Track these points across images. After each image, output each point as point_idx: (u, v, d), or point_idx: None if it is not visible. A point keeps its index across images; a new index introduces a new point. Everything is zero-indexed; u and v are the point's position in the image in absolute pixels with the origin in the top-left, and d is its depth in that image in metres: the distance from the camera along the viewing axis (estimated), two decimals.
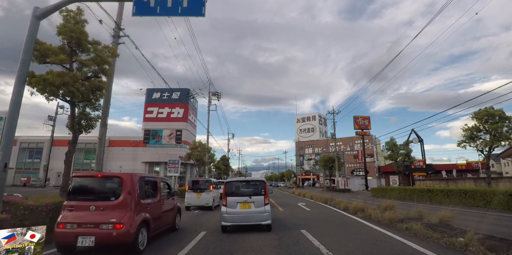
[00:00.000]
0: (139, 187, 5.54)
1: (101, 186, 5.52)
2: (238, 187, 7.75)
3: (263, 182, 7.78)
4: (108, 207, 5.06)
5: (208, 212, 12.64)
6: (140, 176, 5.83)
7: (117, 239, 4.77)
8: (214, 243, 6.11)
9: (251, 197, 7.33)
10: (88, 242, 4.72)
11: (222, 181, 24.85)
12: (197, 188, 13.63)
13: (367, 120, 45.77)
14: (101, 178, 5.61)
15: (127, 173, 5.65)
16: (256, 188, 7.62)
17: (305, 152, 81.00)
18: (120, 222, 4.86)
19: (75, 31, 7.73)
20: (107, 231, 4.79)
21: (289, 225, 8.41)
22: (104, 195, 5.34)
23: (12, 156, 31.56)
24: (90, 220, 4.86)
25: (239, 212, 7.21)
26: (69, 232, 4.80)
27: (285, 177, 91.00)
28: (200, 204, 13.35)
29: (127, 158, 44.86)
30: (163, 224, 6.66)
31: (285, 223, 8.84)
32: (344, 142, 69.09)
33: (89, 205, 5.06)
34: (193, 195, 13.41)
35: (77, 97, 7.49)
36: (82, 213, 5.00)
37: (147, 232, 5.49)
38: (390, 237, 6.54)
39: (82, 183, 5.57)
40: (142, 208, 5.49)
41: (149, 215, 5.64)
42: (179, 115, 46.46)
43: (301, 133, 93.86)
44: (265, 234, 6.88)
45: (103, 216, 4.91)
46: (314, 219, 9.83)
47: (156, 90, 45.81)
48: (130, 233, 4.87)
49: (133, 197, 5.24)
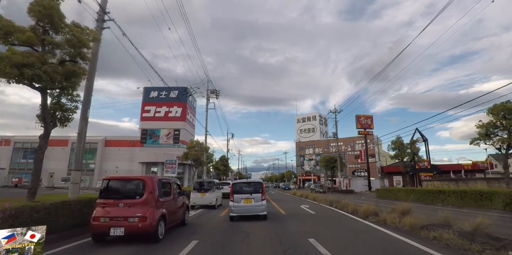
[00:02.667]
0: (158, 188, 6.51)
1: (127, 187, 6.59)
2: (242, 187, 10.01)
3: (260, 183, 10.16)
4: (134, 204, 6.06)
5: (212, 210, 13.53)
6: (158, 179, 6.84)
7: (142, 230, 5.80)
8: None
9: (252, 194, 9.59)
10: (119, 232, 5.76)
11: (224, 182, 26.19)
12: (201, 188, 14.81)
13: (369, 119, 44.70)
14: (128, 180, 6.82)
15: (149, 176, 6.98)
16: (255, 187, 9.87)
17: (305, 153, 79.81)
18: (144, 216, 5.87)
19: (44, 6, 6.55)
20: (134, 223, 5.82)
21: (294, 232, 7.27)
22: (130, 194, 6.32)
23: (6, 156, 30.43)
24: (120, 215, 5.89)
25: (243, 205, 9.47)
26: (103, 225, 5.82)
27: (285, 177, 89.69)
28: (204, 203, 14.42)
29: (124, 158, 43.70)
30: (176, 219, 7.69)
31: (289, 229, 7.71)
32: (345, 142, 67.94)
33: (118, 203, 6.08)
34: (197, 195, 14.53)
35: (45, 82, 6.34)
36: (113, 208, 6.01)
37: (164, 225, 6.49)
38: (418, 248, 5.40)
39: (112, 184, 6.63)
40: (160, 205, 6.48)
41: (165, 211, 6.62)
42: (177, 114, 45.27)
43: (301, 133, 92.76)
44: (267, 246, 5.75)
45: (130, 211, 5.92)
46: (321, 224, 8.67)
47: (154, 88, 44.65)
48: (152, 225, 5.91)
49: (153, 196, 6.25)
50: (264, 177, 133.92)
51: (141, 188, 6.33)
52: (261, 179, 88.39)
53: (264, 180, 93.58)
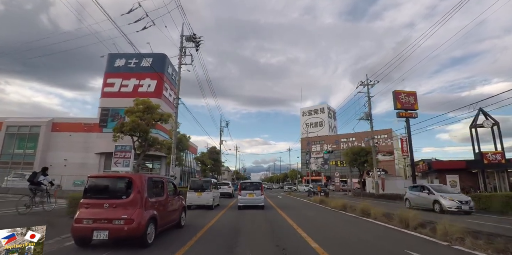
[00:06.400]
0: (147, 187, 6.18)
1: (113, 186, 6.21)
2: (247, 185, 14.95)
3: (260, 183, 15.32)
4: (120, 205, 5.70)
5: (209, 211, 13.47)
6: (148, 177, 6.50)
7: (128, 233, 5.40)
8: None
9: (254, 191, 14.33)
10: (103, 236, 5.36)
11: (223, 182, 28.17)
12: (197, 187, 14.75)
13: (412, 97, 32.92)
14: (114, 178, 6.61)
15: (138, 173, 7.33)
16: (256, 186, 14.75)
17: (312, 149, 67.99)
18: (131, 218, 5.48)
19: None
20: (119, 226, 5.42)
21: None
22: (116, 194, 5.95)
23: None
24: (104, 216, 5.50)
25: (247, 198, 14.13)
26: (86, 227, 5.43)
27: (288, 178, 77.83)
28: (201, 203, 14.41)
29: (76, 147, 32.81)
30: (170, 221, 7.38)
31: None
32: (358, 138, 56.90)
33: (103, 203, 5.71)
34: (194, 195, 14.47)
35: None
36: (97, 210, 5.65)
37: (154, 228, 6.14)
38: None
39: (96, 183, 6.26)
40: (150, 206, 6.14)
41: (156, 212, 6.26)
42: (150, 88, 34.09)
43: (307, 127, 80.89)
44: None
45: (116, 212, 5.56)
46: None
47: (121, 55, 33.33)
48: (140, 228, 5.50)
49: (142, 196, 5.89)
50: (264, 177, 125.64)
51: (128, 187, 5.96)
52: (261, 180, 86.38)
53: (264, 181, 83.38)
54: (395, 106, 32.18)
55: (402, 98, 32.43)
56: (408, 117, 31.95)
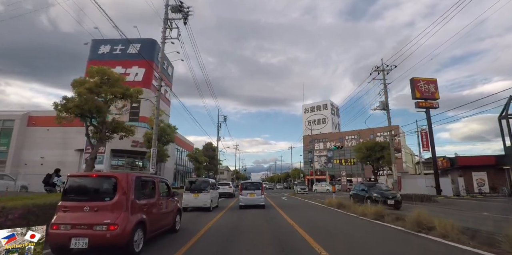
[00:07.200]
0: (135, 187, 5.52)
1: (95, 186, 5.57)
2: (248, 185, 15.09)
3: (260, 183, 15.47)
4: (102, 208, 5.05)
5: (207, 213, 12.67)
6: (136, 176, 5.83)
7: (110, 240, 4.74)
8: None
9: (254, 191, 14.48)
10: (82, 244, 4.68)
11: (224, 182, 28.15)
12: (194, 188, 13.89)
13: (433, 85, 29.64)
14: (96, 178, 5.80)
15: (123, 172, 5.98)
16: (257, 186, 14.92)
17: (315, 148, 64.61)
18: (114, 223, 4.81)
19: None
20: (101, 232, 4.74)
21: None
22: (99, 196, 5.35)
23: None
24: (84, 221, 4.85)
25: (248, 198, 14.25)
26: (63, 233, 4.77)
27: (290, 178, 74.20)
28: (198, 205, 13.52)
29: (54, 143, 29.41)
30: (162, 226, 6.75)
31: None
32: (363, 136, 53.86)
33: (83, 206, 5.06)
34: (190, 196, 13.62)
35: None
36: (76, 214, 5.02)
37: (143, 234, 5.50)
38: None
39: (77, 183, 5.58)
40: (138, 209, 5.49)
41: (145, 216, 5.63)
42: (138, 77, 30.85)
43: (309, 125, 77.38)
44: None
45: (97, 217, 4.91)
46: None
47: (105, 41, 29.83)
48: (124, 235, 4.85)
49: (127, 198, 5.23)
50: (264, 177, 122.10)
51: (112, 187, 5.28)
52: (261, 179, 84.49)
53: (265, 181, 79.81)
54: (413, 96, 28.68)
55: (421, 86, 28.92)
56: (429, 107, 28.41)
